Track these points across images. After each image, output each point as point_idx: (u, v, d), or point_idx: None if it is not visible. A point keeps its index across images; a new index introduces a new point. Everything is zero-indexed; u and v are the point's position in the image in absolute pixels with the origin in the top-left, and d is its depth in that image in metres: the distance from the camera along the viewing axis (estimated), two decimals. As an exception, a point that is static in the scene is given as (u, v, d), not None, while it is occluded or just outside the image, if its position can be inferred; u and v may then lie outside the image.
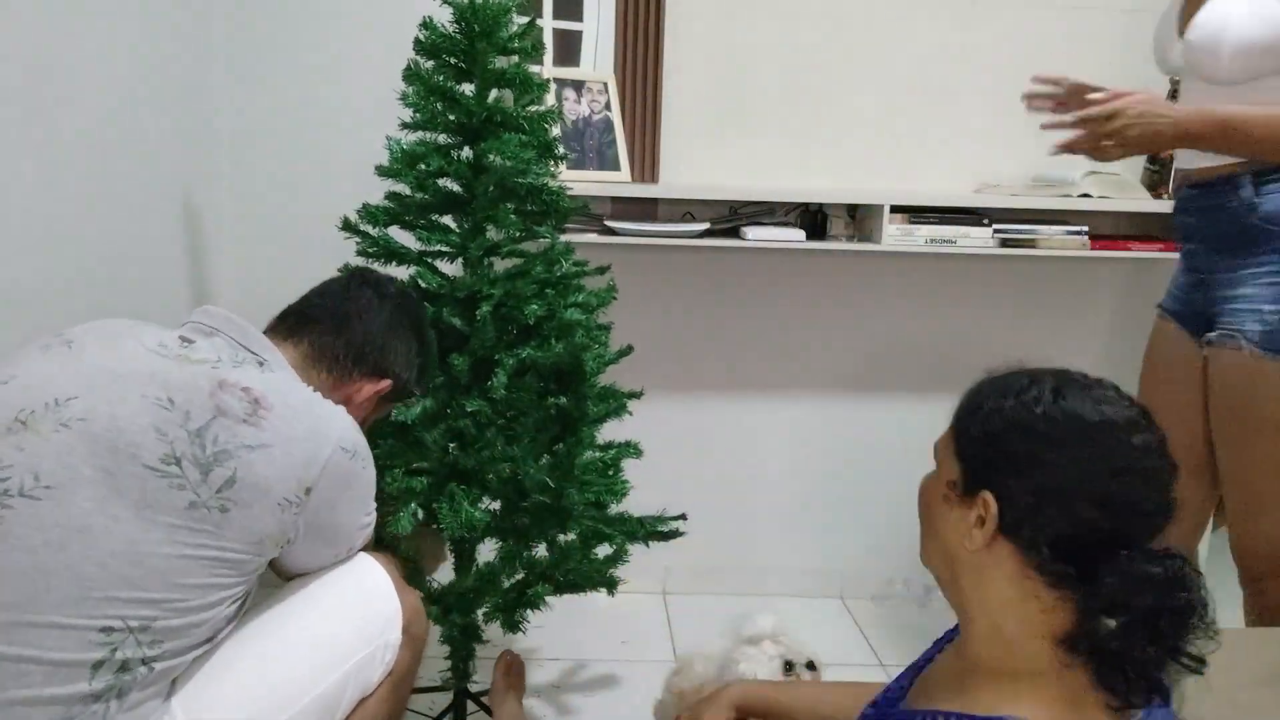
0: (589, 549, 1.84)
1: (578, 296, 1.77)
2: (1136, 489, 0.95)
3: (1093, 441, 0.96)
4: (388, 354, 1.45)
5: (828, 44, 2.53)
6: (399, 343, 1.46)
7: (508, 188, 1.71)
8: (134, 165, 1.87)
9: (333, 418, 1.25)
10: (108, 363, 1.16)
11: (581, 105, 2.40)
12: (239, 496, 1.13)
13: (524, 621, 1.84)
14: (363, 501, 1.32)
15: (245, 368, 1.23)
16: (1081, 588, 0.94)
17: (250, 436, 1.15)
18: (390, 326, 1.46)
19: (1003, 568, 0.99)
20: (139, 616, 1.08)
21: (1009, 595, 0.99)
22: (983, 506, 1.00)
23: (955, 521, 1.03)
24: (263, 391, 1.19)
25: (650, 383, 1.96)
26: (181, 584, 1.11)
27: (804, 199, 2.46)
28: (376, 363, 1.43)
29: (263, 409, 1.17)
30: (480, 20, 1.65)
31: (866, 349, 2.67)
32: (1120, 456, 0.96)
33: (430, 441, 1.68)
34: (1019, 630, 0.98)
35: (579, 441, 1.77)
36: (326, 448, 1.21)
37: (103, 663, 1.07)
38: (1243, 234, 1.63)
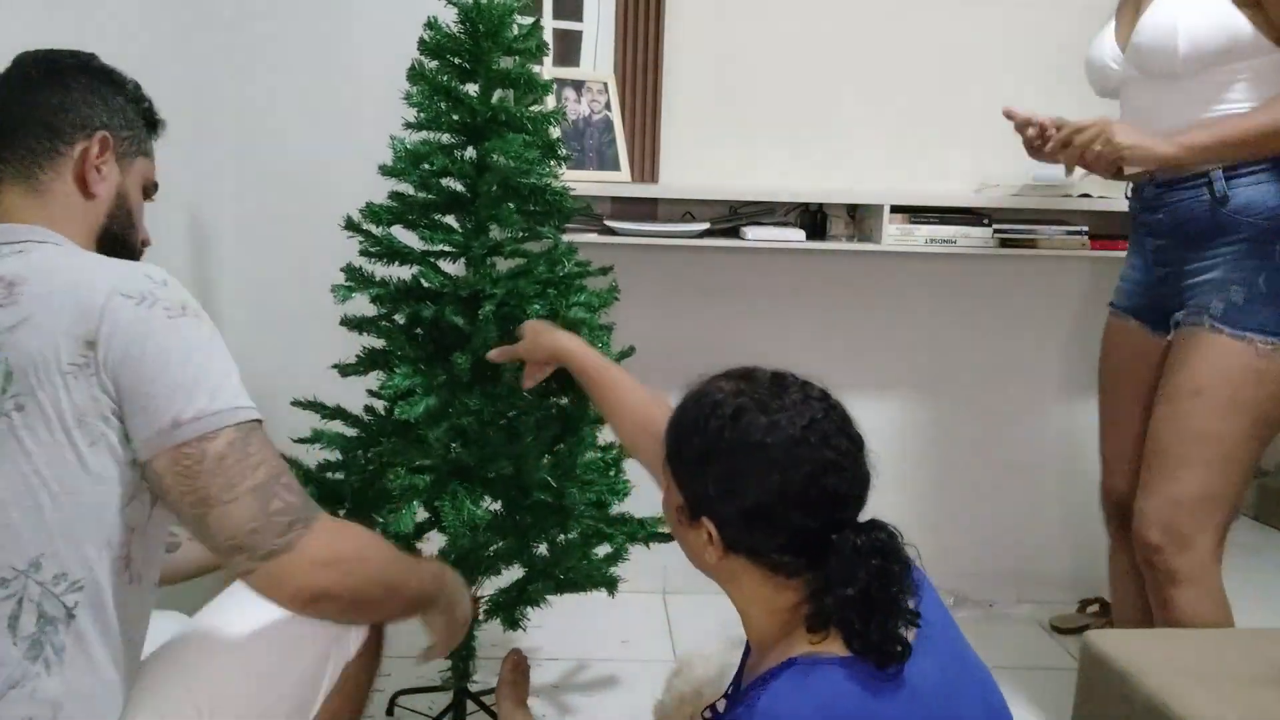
0: (589, 548, 1.84)
1: (580, 296, 1.77)
2: (830, 482, 1.05)
3: (773, 460, 1.05)
4: (72, 109, 1.23)
5: (828, 44, 2.53)
6: (75, 92, 1.25)
7: (511, 187, 1.71)
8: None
9: (109, 266, 1.10)
10: None
11: (581, 105, 2.41)
12: (25, 386, 1.02)
13: (524, 619, 1.84)
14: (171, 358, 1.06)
15: (2, 260, 1.10)
16: (812, 573, 1.05)
17: (8, 317, 1.03)
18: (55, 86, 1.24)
19: (746, 573, 1.10)
20: (25, 557, 1.02)
21: (759, 591, 1.10)
22: (706, 529, 1.09)
23: (692, 541, 1.13)
24: (17, 271, 1.07)
25: (650, 382, 1.95)
26: (39, 504, 1.03)
27: (804, 199, 2.46)
28: (73, 123, 1.22)
29: (17, 286, 1.05)
30: (485, 20, 1.66)
31: (866, 349, 2.67)
32: (803, 463, 1.04)
33: (432, 440, 1.68)
34: (781, 616, 1.09)
35: (580, 441, 1.78)
36: (99, 295, 1.05)
37: (16, 617, 1.02)
38: (1214, 226, 1.67)
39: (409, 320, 1.75)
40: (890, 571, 1.03)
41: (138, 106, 1.34)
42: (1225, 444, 1.64)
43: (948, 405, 2.70)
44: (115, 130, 1.27)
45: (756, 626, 1.13)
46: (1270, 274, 1.62)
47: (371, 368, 1.76)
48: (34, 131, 1.21)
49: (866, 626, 1.01)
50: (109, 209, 1.26)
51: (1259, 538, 3.43)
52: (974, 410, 2.69)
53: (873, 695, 1.00)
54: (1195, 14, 1.60)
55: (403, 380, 1.64)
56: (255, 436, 1.10)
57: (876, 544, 1.04)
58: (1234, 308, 1.63)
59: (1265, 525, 3.51)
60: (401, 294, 1.75)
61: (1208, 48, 1.60)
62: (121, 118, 1.29)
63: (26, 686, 1.02)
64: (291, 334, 2.32)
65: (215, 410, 1.06)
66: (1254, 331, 1.62)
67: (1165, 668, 1.37)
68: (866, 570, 1.02)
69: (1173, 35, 1.62)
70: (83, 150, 1.23)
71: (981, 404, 2.69)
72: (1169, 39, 1.62)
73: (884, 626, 1.01)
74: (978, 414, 2.69)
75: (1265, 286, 1.62)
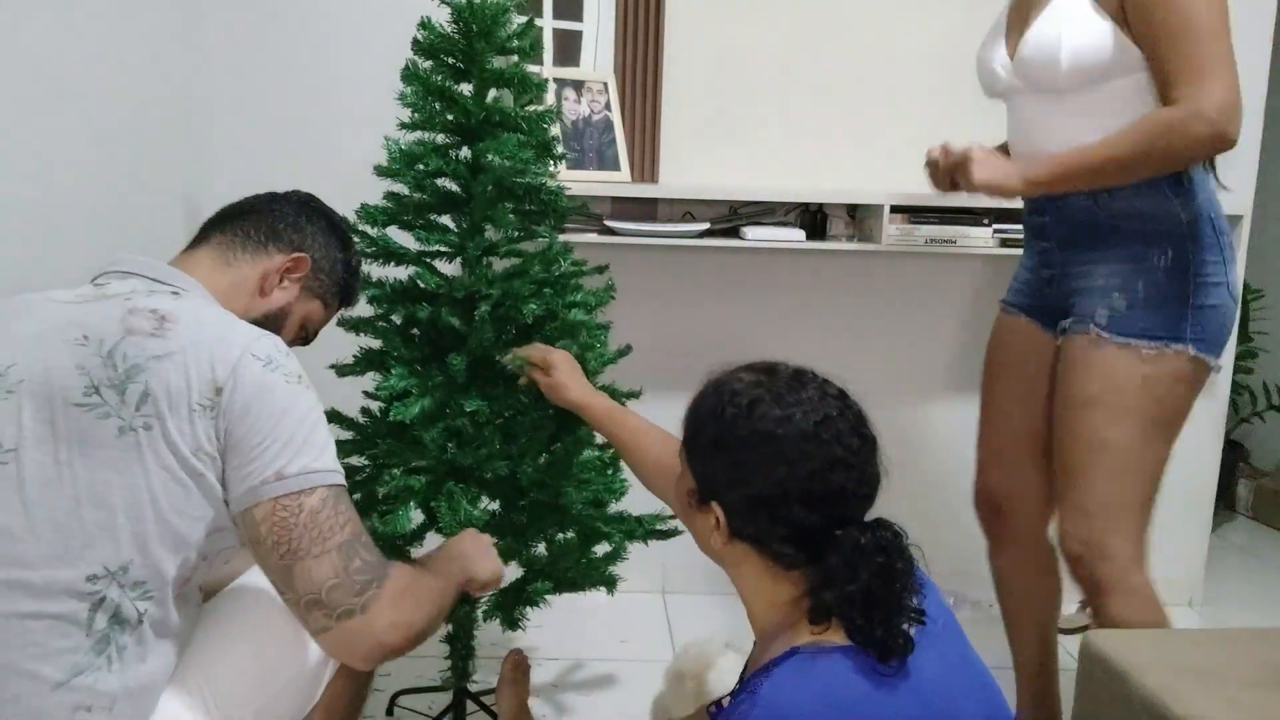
0: (587, 547, 1.84)
1: (576, 296, 1.77)
2: (838, 479, 1.07)
3: (782, 452, 1.07)
4: (302, 232, 1.45)
5: (827, 44, 2.53)
6: (313, 227, 1.47)
7: (506, 187, 1.71)
8: (133, 164, 1.87)
9: (246, 329, 1.24)
10: (30, 328, 1.19)
11: (581, 105, 2.41)
12: (157, 410, 1.13)
13: (523, 619, 1.84)
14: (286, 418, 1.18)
15: (158, 295, 1.24)
16: (813, 568, 1.07)
17: (157, 347, 1.16)
18: (302, 214, 1.48)
19: (749, 560, 1.12)
20: (118, 559, 1.11)
21: (762, 582, 1.13)
22: (714, 513, 1.12)
23: (700, 526, 1.16)
24: (171, 309, 1.20)
25: (650, 383, 1.95)
26: (143, 515, 1.12)
27: (804, 199, 2.46)
28: (291, 239, 1.44)
29: (169, 322, 1.18)
30: (478, 20, 1.65)
31: (866, 349, 2.66)
32: (814, 458, 1.07)
33: (428, 440, 1.68)
34: (783, 609, 1.11)
35: (577, 440, 1.77)
36: (235, 350, 1.18)
37: (96, 612, 1.10)
38: (1093, 231, 1.68)
39: (405, 321, 1.75)
40: (893, 569, 1.05)
41: (349, 273, 1.55)
42: (1122, 451, 1.64)
43: (948, 405, 2.69)
44: (317, 266, 1.47)
45: (759, 616, 1.15)
46: (1149, 279, 1.62)
47: (368, 368, 1.76)
48: (260, 225, 1.42)
49: (869, 622, 1.02)
50: (267, 311, 1.41)
51: (1258, 538, 3.42)
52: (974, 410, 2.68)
53: (874, 685, 1.01)
54: (1078, 29, 1.58)
55: (398, 381, 1.64)
56: (344, 498, 1.21)
57: (881, 542, 1.05)
58: (1117, 315, 1.64)
59: (1265, 525, 3.50)
60: (398, 295, 1.75)
61: (1089, 62, 1.58)
62: (328, 265, 1.50)
63: (89, 676, 1.09)
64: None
65: (316, 469, 1.18)
66: (1137, 337, 1.62)
67: (1165, 668, 1.37)
68: (869, 567, 1.03)
69: (1056, 50, 1.60)
70: (282, 259, 1.42)
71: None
72: (1053, 53, 1.60)
73: (886, 622, 1.02)
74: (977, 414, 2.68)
75: (1144, 291, 1.62)
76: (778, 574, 1.11)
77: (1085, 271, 1.70)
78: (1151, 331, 1.62)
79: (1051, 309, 1.79)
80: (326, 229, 1.50)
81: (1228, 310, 1.65)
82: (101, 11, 1.73)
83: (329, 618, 1.16)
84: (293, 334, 1.47)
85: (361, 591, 1.17)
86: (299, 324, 1.48)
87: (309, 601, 1.16)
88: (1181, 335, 1.61)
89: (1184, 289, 1.62)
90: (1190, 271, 1.62)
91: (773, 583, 1.11)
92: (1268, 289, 3.60)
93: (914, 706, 1.02)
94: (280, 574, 1.17)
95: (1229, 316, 1.66)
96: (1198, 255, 1.62)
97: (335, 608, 1.16)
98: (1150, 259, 1.63)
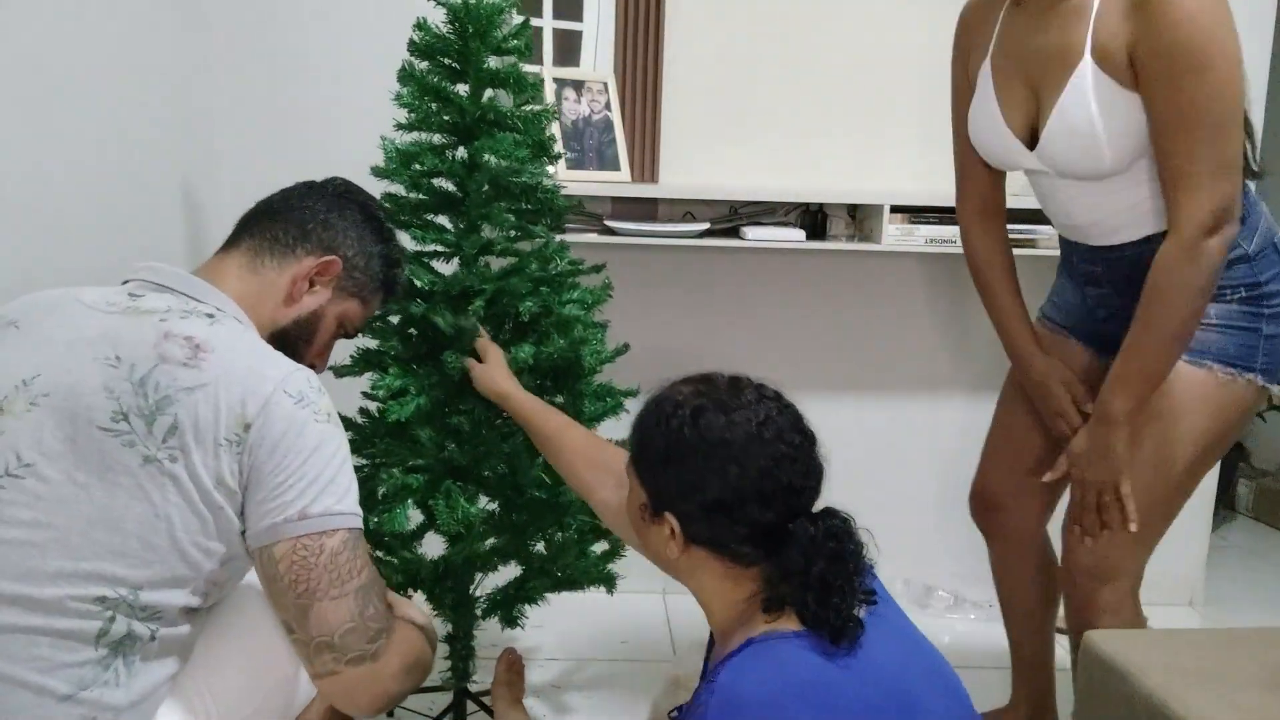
0: (586, 545, 1.84)
1: (573, 294, 1.77)
2: (784, 475, 1.11)
3: (732, 455, 1.11)
4: (332, 230, 1.40)
5: (828, 43, 2.53)
6: (345, 222, 1.41)
7: (502, 186, 1.71)
8: (133, 164, 1.87)
9: (280, 364, 1.22)
10: (58, 333, 1.17)
11: (581, 105, 2.40)
12: (183, 443, 1.12)
13: (522, 618, 1.84)
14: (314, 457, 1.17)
15: (193, 319, 1.21)
16: (770, 562, 1.11)
17: (189, 379, 1.14)
18: (334, 208, 1.42)
19: (706, 566, 1.15)
20: (127, 583, 1.10)
21: (719, 584, 1.16)
22: (668, 524, 1.15)
23: (654, 538, 1.19)
24: (205, 338, 1.18)
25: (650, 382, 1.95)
26: (157, 544, 1.11)
27: (804, 199, 2.46)
28: (321, 238, 1.38)
29: (203, 352, 1.16)
30: (474, 21, 1.66)
31: (866, 349, 2.66)
32: (759, 458, 1.11)
33: (425, 439, 1.69)
34: (740, 606, 1.14)
35: (575, 439, 1.77)
36: (268, 385, 1.16)
37: (105, 632, 1.09)
38: None
39: (402, 320, 1.75)
40: (845, 554, 1.10)
41: (387, 265, 1.47)
42: (1177, 473, 1.60)
43: (948, 405, 2.69)
44: (350, 266, 1.41)
45: (718, 616, 1.18)
46: (1222, 306, 1.57)
47: (366, 368, 1.76)
48: (289, 227, 1.37)
49: (823, 608, 1.07)
50: (297, 317, 1.37)
51: (1259, 538, 3.42)
52: (975, 410, 2.68)
53: (829, 665, 1.05)
54: (1110, 113, 1.47)
55: (395, 380, 1.65)
56: (362, 543, 1.21)
57: (831, 529, 1.11)
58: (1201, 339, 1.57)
59: (1265, 525, 3.49)
60: (394, 294, 1.75)
61: (1133, 146, 1.49)
62: (364, 260, 1.43)
63: (96, 691, 1.09)
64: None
65: (339, 511, 1.18)
66: (1214, 360, 1.57)
67: (1165, 668, 1.37)
68: (823, 554, 1.08)
69: (1095, 144, 1.50)
70: (311, 262, 1.36)
71: (982, 404, 2.67)
72: (1090, 145, 1.50)
73: (839, 607, 1.07)
74: (979, 414, 2.68)
75: (1217, 317, 1.57)
76: (736, 574, 1.14)
77: None
78: (1226, 357, 1.57)
79: (1107, 337, 1.68)
80: (360, 222, 1.44)
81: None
82: (102, 12, 1.73)
83: (338, 662, 1.17)
84: (330, 334, 1.44)
85: (375, 639, 1.19)
86: (335, 324, 1.44)
87: (320, 644, 1.16)
88: (1253, 365, 1.57)
89: (1256, 317, 1.57)
90: (1262, 300, 1.57)
91: (732, 584, 1.15)
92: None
93: (868, 685, 1.06)
94: (295, 614, 1.17)
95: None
96: (1269, 285, 1.56)
97: (347, 652, 1.17)
98: (1223, 289, 1.55)
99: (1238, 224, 1.48)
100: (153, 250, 1.99)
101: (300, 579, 1.15)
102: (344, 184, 1.48)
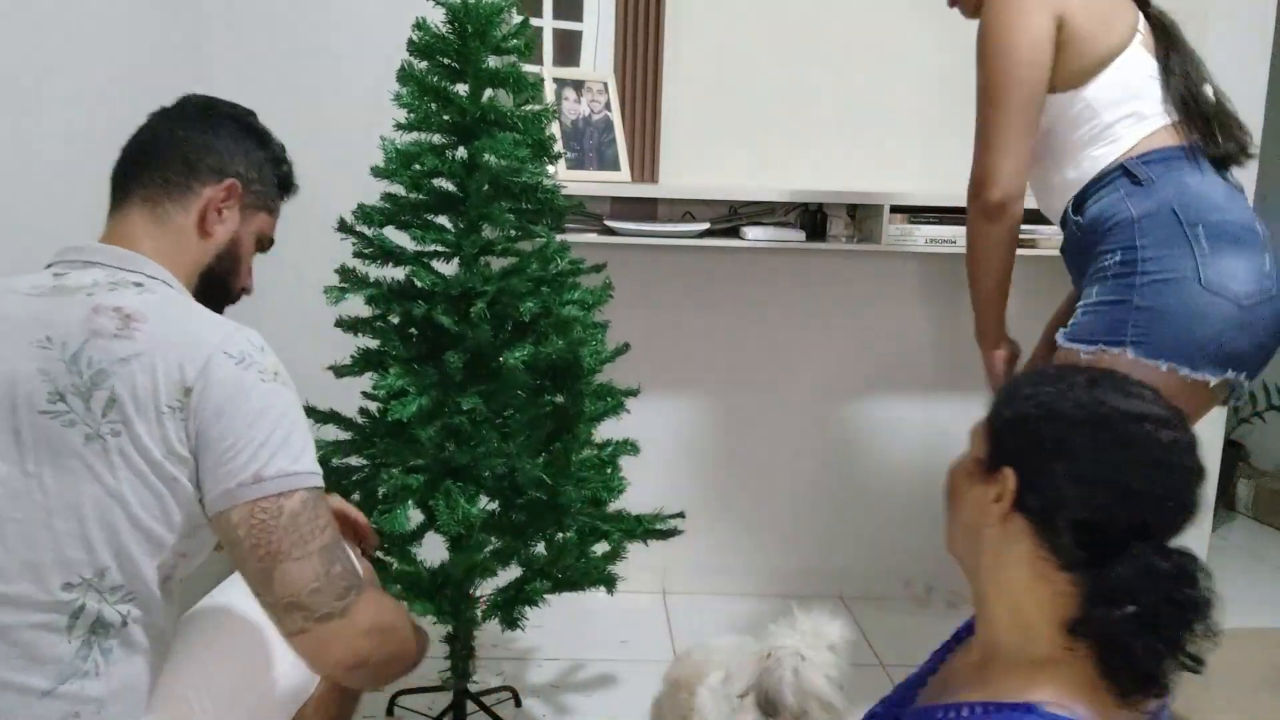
0: (586, 546, 1.84)
1: (573, 294, 1.77)
2: (1160, 483, 0.96)
3: (1120, 432, 0.98)
4: (216, 152, 1.33)
5: (828, 44, 2.53)
6: (225, 140, 1.35)
7: (502, 186, 1.71)
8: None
9: (218, 325, 1.18)
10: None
11: (581, 105, 2.40)
12: (124, 415, 1.10)
13: (522, 618, 1.84)
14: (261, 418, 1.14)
15: (121, 290, 1.18)
16: (1091, 574, 0.96)
17: (123, 349, 1.12)
18: (207, 129, 1.34)
19: (1019, 546, 1.01)
20: (93, 566, 1.10)
21: (1023, 576, 1.01)
22: (1003, 481, 1.02)
23: (977, 497, 1.06)
24: (136, 307, 1.15)
25: (651, 382, 1.96)
26: (115, 522, 1.10)
27: (804, 199, 2.46)
28: (209, 164, 1.32)
29: (135, 321, 1.14)
30: (473, 20, 1.66)
31: (866, 349, 2.66)
32: (1147, 450, 0.97)
33: (426, 439, 1.68)
34: (1033, 614, 1.00)
35: (575, 439, 1.77)
36: (206, 348, 1.13)
37: (76, 619, 1.09)
38: (1082, 251, 1.70)
39: (402, 320, 1.75)
40: (1188, 602, 0.94)
41: (276, 167, 1.42)
42: None
43: (949, 405, 2.69)
44: (246, 181, 1.36)
45: (998, 624, 1.05)
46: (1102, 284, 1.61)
47: (366, 368, 1.76)
48: (173, 165, 1.30)
49: (1134, 652, 0.93)
50: (218, 251, 1.33)
51: (1259, 538, 3.42)
52: (974, 410, 2.68)
53: None
54: None
55: (395, 380, 1.64)
56: (323, 502, 1.18)
57: (1184, 570, 0.95)
58: (1076, 322, 1.63)
59: (1265, 525, 3.50)
60: (394, 294, 1.74)
61: None
62: (256, 172, 1.38)
63: (76, 683, 1.09)
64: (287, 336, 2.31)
65: (295, 471, 1.14)
66: (1077, 341, 1.60)
67: (1163, 668, 1.36)
68: (1161, 592, 0.93)
69: None
70: (210, 192, 1.31)
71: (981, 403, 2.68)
72: None
73: (1154, 658, 0.93)
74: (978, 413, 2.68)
75: (1097, 295, 1.61)
76: (1045, 571, 0.99)
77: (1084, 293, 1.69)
78: (1093, 335, 1.58)
79: None
80: (237, 133, 1.37)
81: (1199, 308, 1.51)
82: (103, 13, 1.73)
83: (307, 620, 1.14)
84: (250, 254, 1.40)
85: (343, 595, 1.15)
86: (254, 243, 1.40)
87: (288, 604, 1.13)
88: (1121, 338, 1.55)
89: (1129, 290, 1.56)
90: (1135, 267, 1.56)
91: (1033, 580, 1.00)
92: (1269, 289, 3.59)
93: None
94: (259, 577, 1.14)
95: (1203, 315, 1.51)
96: (1144, 252, 1.55)
97: (315, 610, 1.14)
98: (1104, 261, 1.61)
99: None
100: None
101: (260, 542, 1.12)
102: (202, 100, 1.41)
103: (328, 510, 1.18)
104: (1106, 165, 1.65)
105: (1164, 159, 1.62)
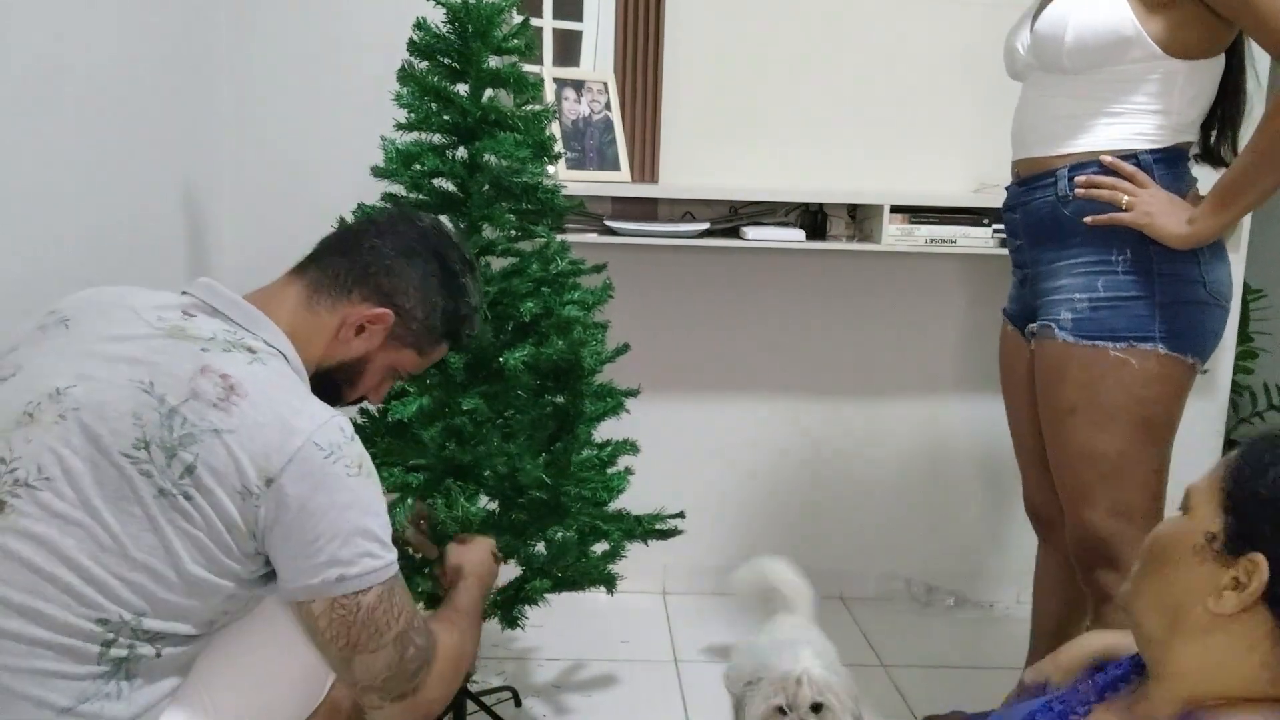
0: (587, 546, 1.84)
1: (574, 294, 1.77)
2: None
3: None
4: (395, 277, 1.33)
5: (828, 44, 2.53)
6: (412, 271, 1.34)
7: (503, 186, 1.72)
8: (134, 164, 1.88)
9: (313, 414, 1.17)
10: (100, 344, 1.17)
11: (581, 105, 2.41)
12: (198, 483, 1.11)
13: (523, 618, 1.84)
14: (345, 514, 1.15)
15: (233, 354, 1.18)
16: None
17: (217, 420, 1.12)
18: (403, 253, 1.35)
19: (1246, 634, 0.93)
20: (132, 609, 1.10)
21: (1236, 659, 0.94)
22: (1246, 569, 0.92)
23: (1202, 577, 0.95)
24: (241, 379, 1.15)
25: (651, 382, 1.96)
26: (164, 576, 1.11)
27: (804, 199, 2.46)
28: (379, 285, 1.32)
29: (236, 395, 1.14)
30: (474, 20, 1.66)
31: (866, 349, 2.66)
32: None
33: (427, 439, 1.69)
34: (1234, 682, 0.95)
35: (576, 439, 1.78)
36: (296, 439, 1.13)
37: (108, 650, 1.10)
38: (1057, 227, 1.65)
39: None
40: None
41: (452, 321, 1.41)
42: (1113, 458, 1.61)
43: (949, 405, 2.69)
44: (407, 318, 1.35)
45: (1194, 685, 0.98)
46: (1110, 279, 1.59)
47: (367, 368, 1.76)
48: (352, 269, 1.32)
49: None
50: (342, 360, 1.34)
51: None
52: (975, 410, 2.69)
53: None
54: (1087, 10, 1.55)
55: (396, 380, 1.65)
56: (398, 587, 1.21)
57: None
58: (1081, 316, 1.60)
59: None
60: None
61: (1092, 44, 1.55)
62: (424, 314, 1.37)
63: (96, 704, 1.09)
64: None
65: (373, 569, 1.17)
66: (1104, 339, 1.58)
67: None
68: None
69: (1062, 28, 1.57)
70: (363, 308, 1.32)
71: (982, 403, 2.68)
72: (1058, 31, 1.58)
73: None
74: (979, 413, 2.68)
75: (1105, 290, 1.59)
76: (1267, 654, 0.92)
77: (1052, 271, 1.66)
78: (1119, 332, 1.58)
79: (1027, 312, 1.76)
80: (429, 273, 1.36)
81: (1205, 307, 1.59)
82: (103, 13, 1.73)
83: (383, 699, 1.21)
84: (378, 379, 1.40)
85: (414, 677, 1.22)
86: (385, 371, 1.40)
87: (364, 688, 1.20)
88: (1150, 334, 1.57)
89: (1148, 286, 1.57)
90: (1153, 268, 1.57)
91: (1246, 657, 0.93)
92: (1268, 289, 3.59)
93: None
94: (338, 663, 1.20)
95: (1208, 314, 1.60)
96: (1155, 249, 1.57)
97: (390, 693, 1.21)
98: (1109, 256, 1.59)
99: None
100: (152, 250, 1.99)
101: (340, 635, 1.17)
102: (431, 226, 1.42)
103: (403, 592, 1.22)
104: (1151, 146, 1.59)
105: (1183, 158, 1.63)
